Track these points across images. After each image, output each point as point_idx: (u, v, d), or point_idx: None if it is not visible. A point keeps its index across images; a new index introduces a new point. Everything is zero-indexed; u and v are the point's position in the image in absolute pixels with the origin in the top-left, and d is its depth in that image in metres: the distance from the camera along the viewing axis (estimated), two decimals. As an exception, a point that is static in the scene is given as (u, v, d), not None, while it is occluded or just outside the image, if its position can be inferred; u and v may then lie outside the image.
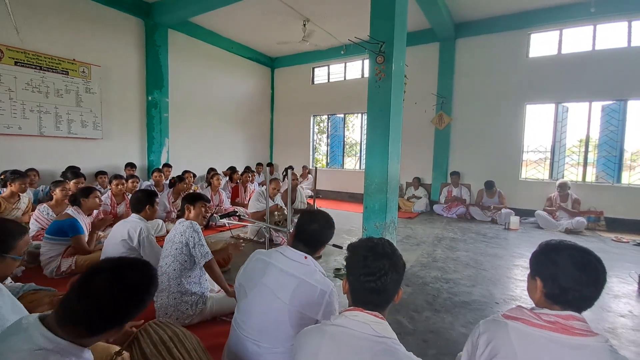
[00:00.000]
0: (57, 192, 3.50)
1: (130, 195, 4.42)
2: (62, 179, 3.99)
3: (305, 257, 1.48)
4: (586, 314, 1.02)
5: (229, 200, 6.07)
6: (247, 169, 7.54)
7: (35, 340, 0.81)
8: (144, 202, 2.70)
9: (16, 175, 3.75)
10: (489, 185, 6.36)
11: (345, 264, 1.14)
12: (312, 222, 1.55)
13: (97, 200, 3.24)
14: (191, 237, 2.26)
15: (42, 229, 3.30)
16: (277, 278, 1.43)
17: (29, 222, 3.51)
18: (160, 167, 6.36)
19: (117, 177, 4.35)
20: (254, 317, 1.42)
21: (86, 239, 3.11)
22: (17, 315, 1.23)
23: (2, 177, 4.01)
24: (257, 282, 1.45)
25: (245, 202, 6.15)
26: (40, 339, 0.81)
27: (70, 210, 3.09)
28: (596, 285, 1.00)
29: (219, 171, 7.61)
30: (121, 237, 2.61)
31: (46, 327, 0.84)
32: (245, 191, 6.36)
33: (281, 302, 1.37)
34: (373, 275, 1.02)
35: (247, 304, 1.46)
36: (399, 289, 1.09)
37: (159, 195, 4.08)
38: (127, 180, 4.66)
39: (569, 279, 1.01)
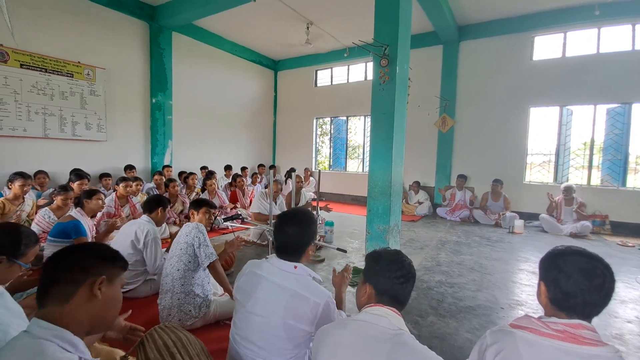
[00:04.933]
0: (59, 200, 3.47)
1: (133, 197, 4.46)
2: (66, 186, 3.73)
3: (295, 267, 1.43)
4: (592, 320, 1.01)
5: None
6: (244, 171, 7.49)
7: (34, 332, 0.84)
8: (158, 203, 2.78)
9: (17, 175, 3.72)
10: (498, 181, 6.32)
11: (367, 269, 1.27)
12: (286, 226, 1.46)
13: (99, 202, 3.23)
14: (196, 237, 2.29)
15: (44, 232, 3.28)
16: (270, 291, 1.40)
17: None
18: (161, 169, 6.37)
19: (124, 179, 4.34)
20: (250, 331, 1.40)
21: (89, 240, 3.11)
22: (18, 319, 1.23)
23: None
24: (251, 296, 1.43)
25: (247, 206, 6.12)
26: (36, 330, 0.84)
27: (74, 212, 3.08)
28: (599, 291, 0.98)
29: (222, 173, 7.66)
30: (129, 237, 2.65)
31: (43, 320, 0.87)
32: (244, 195, 6.29)
33: (275, 315, 1.35)
34: (403, 278, 1.20)
35: (243, 319, 1.44)
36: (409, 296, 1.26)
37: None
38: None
39: (571, 284, 1.00)
